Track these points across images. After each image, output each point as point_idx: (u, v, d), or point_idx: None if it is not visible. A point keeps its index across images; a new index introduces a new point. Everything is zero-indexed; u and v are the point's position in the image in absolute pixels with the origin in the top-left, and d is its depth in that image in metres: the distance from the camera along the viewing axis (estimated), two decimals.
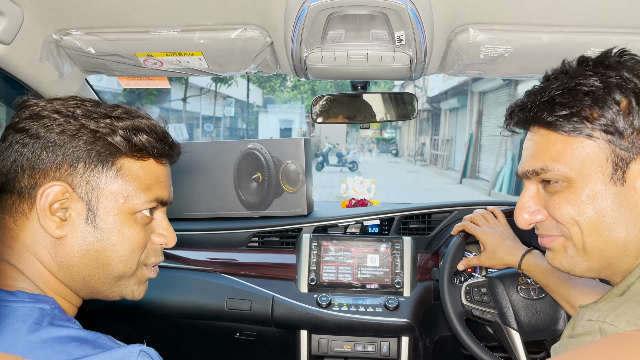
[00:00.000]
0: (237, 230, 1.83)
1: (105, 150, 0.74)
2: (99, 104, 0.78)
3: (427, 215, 1.84)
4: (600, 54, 0.77)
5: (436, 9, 1.02)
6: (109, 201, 0.75)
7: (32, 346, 0.62)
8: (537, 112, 0.77)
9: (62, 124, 0.73)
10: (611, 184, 0.71)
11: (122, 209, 0.76)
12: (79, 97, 0.79)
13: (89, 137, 0.73)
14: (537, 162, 0.77)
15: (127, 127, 0.76)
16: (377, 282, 1.63)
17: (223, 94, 21.94)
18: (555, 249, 0.80)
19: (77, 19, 1.11)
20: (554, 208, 0.77)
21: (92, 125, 0.74)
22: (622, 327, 0.61)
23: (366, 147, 24.07)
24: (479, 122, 15.37)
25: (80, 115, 0.74)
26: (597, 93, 0.71)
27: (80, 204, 0.73)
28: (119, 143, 0.75)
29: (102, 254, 0.75)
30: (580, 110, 0.72)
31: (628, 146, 0.70)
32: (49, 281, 0.75)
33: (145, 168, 0.80)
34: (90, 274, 0.76)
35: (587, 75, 0.74)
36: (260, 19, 1.09)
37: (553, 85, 0.76)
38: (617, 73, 0.72)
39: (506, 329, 1.30)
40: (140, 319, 1.71)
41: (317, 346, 1.60)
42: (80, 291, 0.79)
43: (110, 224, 0.75)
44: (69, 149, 0.72)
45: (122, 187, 0.76)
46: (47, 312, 0.68)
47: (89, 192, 0.74)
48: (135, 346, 0.65)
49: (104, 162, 0.74)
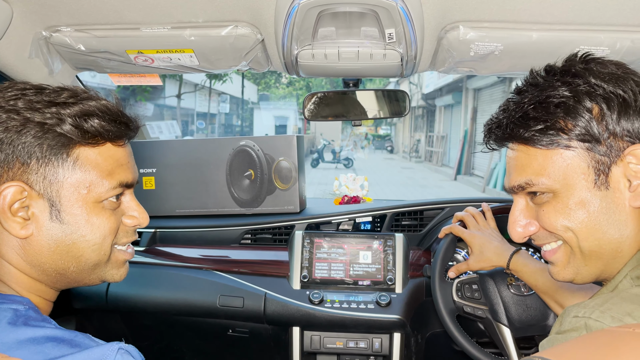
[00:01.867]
0: (229, 227, 1.83)
1: (56, 143, 0.70)
2: (41, 91, 0.73)
3: (419, 212, 1.84)
4: (565, 62, 0.78)
5: (426, 6, 1.03)
6: (71, 194, 0.72)
7: (7, 347, 0.61)
8: (513, 129, 0.78)
9: (5, 121, 0.68)
10: (596, 189, 0.73)
11: (87, 199, 0.73)
12: (19, 85, 0.73)
13: (37, 130, 0.69)
14: (521, 177, 0.78)
15: (76, 113, 0.71)
16: (369, 278, 1.63)
17: (218, 91, 21.90)
18: (559, 262, 0.81)
19: (67, 15, 1.10)
20: (544, 219, 0.78)
21: (37, 117, 0.69)
22: (607, 323, 0.61)
23: (359, 144, 24.06)
24: (473, 118, 15.39)
25: (22, 108, 0.69)
26: (568, 103, 0.72)
27: (40, 200, 0.70)
28: (69, 132, 0.70)
29: (72, 247, 0.73)
30: (554, 123, 0.73)
31: (606, 151, 0.71)
32: (22, 281, 0.73)
33: (104, 153, 0.75)
34: (64, 268, 0.74)
35: (555, 85, 0.75)
36: (251, 16, 1.09)
37: (525, 99, 0.77)
38: (585, 80, 0.73)
39: (497, 325, 1.31)
40: (133, 316, 1.71)
41: (310, 343, 1.60)
42: (56, 284, 0.77)
43: (77, 216, 0.73)
44: (18, 146, 0.68)
45: (82, 177, 0.72)
46: (21, 313, 0.67)
47: (47, 188, 0.70)
48: (114, 344, 0.64)
49: (57, 154, 0.70)
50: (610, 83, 0.72)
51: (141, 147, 1.92)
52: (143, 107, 11.17)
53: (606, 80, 0.72)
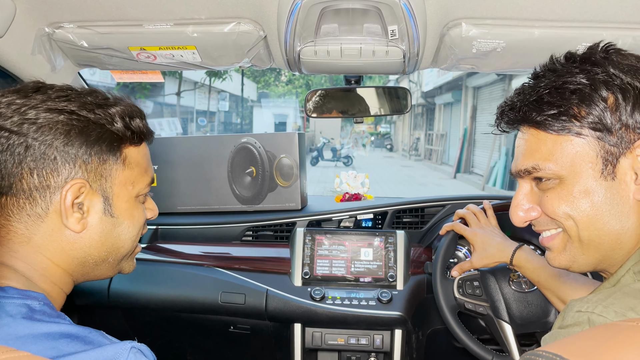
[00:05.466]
0: (231, 224, 1.84)
1: (112, 142, 0.75)
2: (79, 94, 0.76)
3: (421, 209, 1.85)
4: (587, 50, 0.78)
5: (429, 3, 1.03)
6: (121, 190, 0.78)
7: (22, 342, 0.62)
8: (526, 112, 0.77)
9: (67, 122, 0.72)
10: (602, 179, 0.72)
11: (131, 194, 0.80)
12: (60, 87, 0.76)
13: (98, 131, 0.74)
14: (529, 161, 0.78)
15: (121, 114, 0.77)
16: (370, 275, 1.64)
17: (217, 88, 21.85)
18: (555, 248, 0.81)
19: (70, 12, 1.10)
20: (547, 204, 0.78)
21: (92, 117, 0.74)
22: (610, 317, 0.61)
23: (360, 141, 24.04)
24: (473, 117, 15.39)
25: (76, 109, 0.73)
26: (584, 91, 0.72)
27: (96, 197, 0.75)
28: (121, 132, 0.76)
29: (118, 239, 0.79)
30: (568, 109, 0.73)
31: (617, 142, 0.71)
32: (51, 273, 0.74)
33: (141, 152, 0.82)
34: (104, 258, 0.79)
35: (573, 72, 0.74)
36: (254, 13, 1.09)
37: (541, 84, 0.77)
38: (604, 69, 0.73)
39: (498, 321, 1.31)
40: (134, 312, 1.71)
41: (311, 339, 1.61)
42: (83, 276, 0.80)
43: (124, 210, 0.79)
44: (81, 146, 0.72)
45: (129, 174, 0.79)
46: (36, 309, 0.68)
47: (103, 185, 0.75)
48: (127, 343, 0.64)
49: (111, 153, 0.76)
50: (628, 74, 0.72)
51: None
52: (143, 105, 11.20)
53: (625, 71, 0.72)
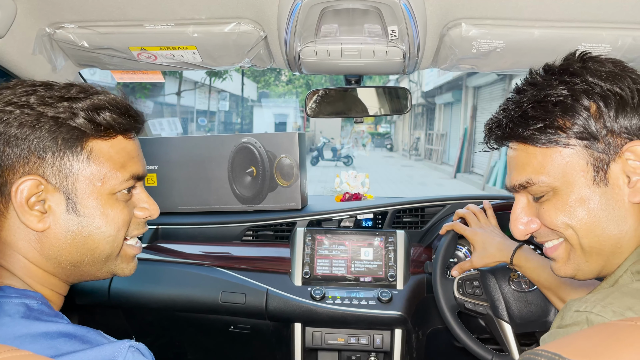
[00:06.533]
0: (231, 224, 1.84)
1: (71, 136, 0.72)
2: (51, 87, 0.74)
3: (421, 209, 1.85)
4: (564, 61, 0.79)
5: (429, 3, 1.03)
6: (86, 186, 0.74)
7: (20, 341, 0.62)
8: (512, 128, 0.79)
9: (19, 116, 0.69)
10: (595, 186, 0.73)
11: (102, 191, 0.75)
12: (28, 82, 0.74)
13: (51, 125, 0.70)
14: (522, 176, 0.79)
15: (88, 107, 0.73)
16: (370, 275, 1.64)
17: (217, 88, 21.84)
18: (560, 258, 0.82)
19: (70, 12, 1.10)
20: (544, 216, 0.79)
21: (50, 111, 0.71)
22: (608, 317, 0.62)
23: (360, 141, 24.03)
24: (473, 116, 15.39)
25: (35, 103, 0.71)
26: (566, 102, 0.74)
27: (57, 194, 0.72)
28: (83, 125, 0.72)
29: (88, 239, 0.75)
30: (553, 122, 0.74)
31: (605, 148, 0.72)
32: (36, 274, 0.74)
33: (116, 146, 0.77)
34: (79, 260, 0.76)
35: (554, 84, 0.76)
36: (254, 13, 1.09)
37: (524, 98, 0.78)
38: (582, 79, 0.74)
39: (498, 321, 1.32)
40: (135, 312, 1.72)
41: (311, 339, 1.61)
42: (69, 277, 0.78)
43: (92, 208, 0.74)
44: (33, 140, 0.69)
45: (96, 169, 0.74)
46: (34, 308, 0.68)
47: (63, 181, 0.72)
48: (125, 342, 0.64)
49: (72, 147, 0.72)
50: (607, 81, 0.73)
51: (143, 143, 1.92)
52: (143, 105, 11.18)
53: (603, 78, 0.73)
